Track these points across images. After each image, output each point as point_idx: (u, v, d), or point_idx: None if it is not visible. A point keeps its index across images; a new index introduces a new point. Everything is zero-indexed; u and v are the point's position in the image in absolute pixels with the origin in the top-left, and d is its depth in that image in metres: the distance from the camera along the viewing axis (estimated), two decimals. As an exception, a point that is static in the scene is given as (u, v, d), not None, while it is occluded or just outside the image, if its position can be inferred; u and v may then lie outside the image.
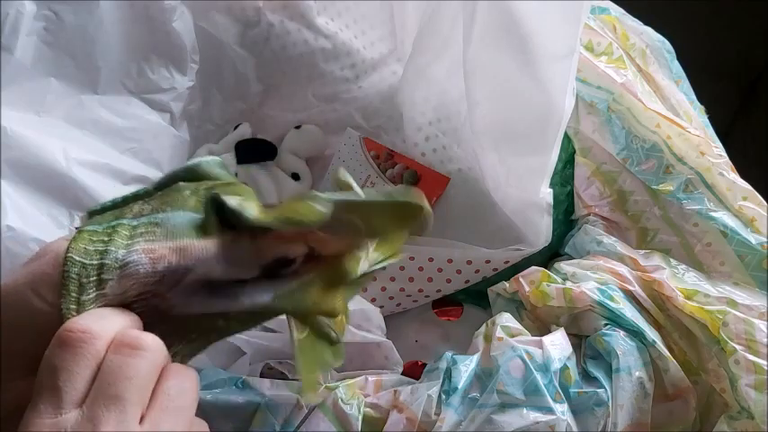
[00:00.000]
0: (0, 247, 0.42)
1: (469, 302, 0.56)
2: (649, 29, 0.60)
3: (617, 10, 0.60)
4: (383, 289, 0.53)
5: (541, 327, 0.49)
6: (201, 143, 0.65)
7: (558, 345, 0.44)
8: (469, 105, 0.53)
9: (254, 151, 0.65)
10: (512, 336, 0.44)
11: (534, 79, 0.49)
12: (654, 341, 0.44)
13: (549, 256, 0.56)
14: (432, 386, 0.42)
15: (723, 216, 0.49)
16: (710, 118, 0.60)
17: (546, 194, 0.49)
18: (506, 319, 0.46)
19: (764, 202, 0.49)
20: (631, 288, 0.47)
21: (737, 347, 0.43)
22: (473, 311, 0.56)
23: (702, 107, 0.60)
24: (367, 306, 0.49)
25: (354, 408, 0.41)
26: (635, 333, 0.45)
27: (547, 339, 0.44)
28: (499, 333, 0.44)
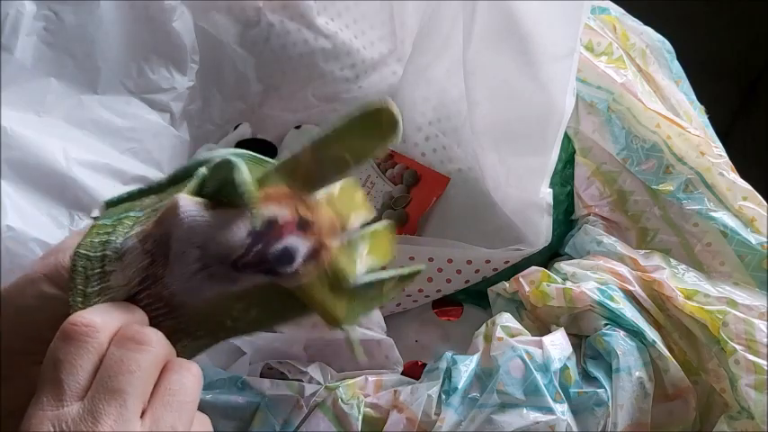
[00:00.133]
0: (0, 247, 0.42)
1: (469, 302, 0.56)
2: (649, 29, 0.60)
3: (617, 10, 0.61)
4: (383, 289, 0.53)
5: (541, 327, 0.49)
6: (201, 143, 0.65)
7: (558, 345, 0.44)
8: (469, 105, 0.53)
9: (254, 151, 0.65)
10: (512, 336, 0.44)
11: (534, 79, 0.49)
12: (654, 341, 0.44)
13: (549, 256, 0.56)
14: (432, 386, 0.42)
15: (723, 216, 0.49)
16: (710, 118, 0.60)
17: (546, 194, 0.49)
18: (506, 319, 0.46)
19: (764, 202, 0.49)
20: (631, 288, 0.47)
21: (737, 347, 0.43)
22: (473, 311, 0.56)
23: (702, 107, 0.60)
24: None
25: (354, 408, 0.41)
26: (635, 333, 0.45)
27: (547, 339, 0.44)
28: (499, 333, 0.44)
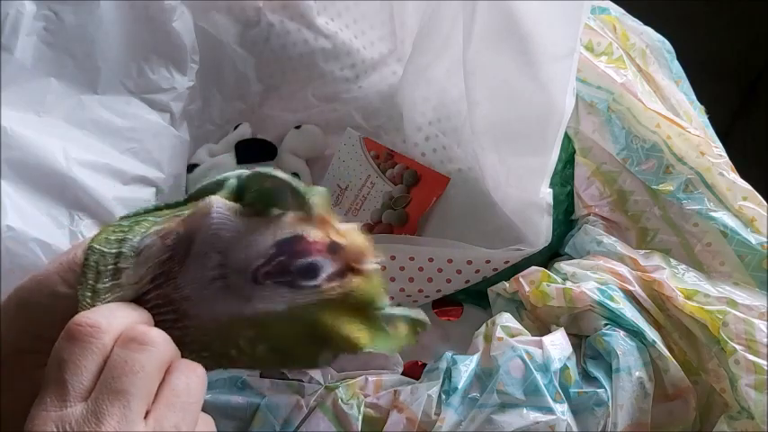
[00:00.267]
0: (0, 247, 0.42)
1: (469, 302, 0.56)
2: (649, 29, 0.60)
3: (617, 10, 0.60)
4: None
5: (541, 327, 0.49)
6: (201, 143, 0.65)
7: (558, 345, 0.44)
8: (469, 105, 0.53)
9: (254, 151, 0.65)
10: (512, 336, 0.44)
11: (534, 79, 0.48)
12: (654, 341, 0.44)
13: (549, 256, 0.56)
14: (432, 386, 0.42)
15: (723, 216, 0.49)
16: (710, 118, 0.60)
17: (546, 194, 0.49)
18: (506, 319, 0.46)
19: (764, 202, 0.49)
20: (631, 288, 0.47)
21: (737, 347, 0.43)
22: (473, 311, 0.56)
23: (702, 107, 0.60)
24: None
25: (354, 408, 0.41)
26: (635, 333, 0.45)
27: (547, 339, 0.44)
28: (499, 333, 0.44)
